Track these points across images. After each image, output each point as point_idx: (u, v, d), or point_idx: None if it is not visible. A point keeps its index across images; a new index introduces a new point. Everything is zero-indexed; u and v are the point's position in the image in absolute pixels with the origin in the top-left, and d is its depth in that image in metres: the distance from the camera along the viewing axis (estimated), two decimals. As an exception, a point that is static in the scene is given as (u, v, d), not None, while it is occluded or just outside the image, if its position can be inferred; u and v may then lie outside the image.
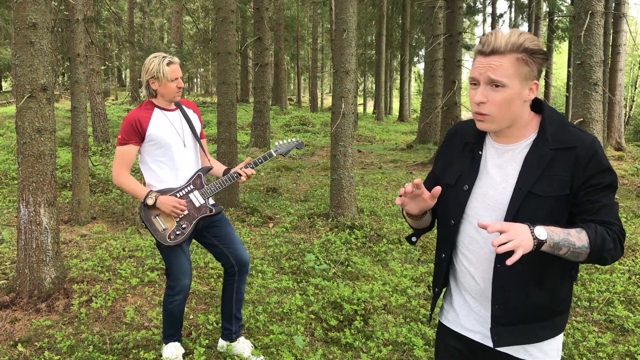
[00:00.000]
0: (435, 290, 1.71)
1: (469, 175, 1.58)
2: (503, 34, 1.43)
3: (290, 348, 3.31)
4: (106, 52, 25.44)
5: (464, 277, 1.61)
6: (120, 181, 2.92)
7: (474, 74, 1.46)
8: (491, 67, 1.42)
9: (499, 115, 1.46)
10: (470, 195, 1.56)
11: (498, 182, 1.53)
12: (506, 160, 1.54)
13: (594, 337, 3.58)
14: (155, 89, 2.94)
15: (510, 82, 1.42)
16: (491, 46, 1.42)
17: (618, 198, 8.38)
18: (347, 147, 6.30)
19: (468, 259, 1.59)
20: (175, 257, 2.97)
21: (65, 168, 9.10)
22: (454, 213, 1.59)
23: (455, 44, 11.21)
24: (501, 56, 1.42)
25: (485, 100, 1.45)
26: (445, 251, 1.65)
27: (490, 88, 1.44)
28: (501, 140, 1.55)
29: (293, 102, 35.46)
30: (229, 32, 7.04)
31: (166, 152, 2.95)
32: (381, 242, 5.62)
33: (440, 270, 1.68)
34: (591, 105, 5.47)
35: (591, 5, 5.47)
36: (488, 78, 1.43)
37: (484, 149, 1.59)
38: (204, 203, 3.01)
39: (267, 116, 13.07)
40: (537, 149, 1.49)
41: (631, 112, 25.64)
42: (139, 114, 2.92)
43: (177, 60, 2.98)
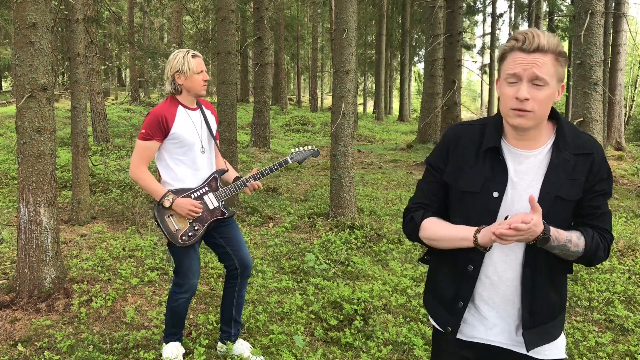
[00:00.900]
0: (460, 305, 1.60)
1: (496, 182, 1.52)
2: (543, 33, 1.43)
3: (290, 348, 3.31)
4: (106, 52, 25.44)
5: (484, 286, 1.57)
6: (138, 176, 2.89)
7: (516, 70, 1.42)
8: (537, 64, 1.41)
9: (540, 113, 1.45)
10: (502, 201, 1.52)
11: (523, 189, 1.51)
12: (528, 167, 1.52)
13: (594, 336, 3.58)
14: (181, 84, 2.91)
15: (550, 81, 1.43)
16: (535, 44, 1.41)
17: (618, 198, 8.38)
18: (347, 146, 6.30)
19: (495, 267, 1.55)
20: (187, 256, 2.98)
21: (65, 168, 9.10)
22: (483, 220, 1.52)
23: (455, 43, 11.21)
24: (544, 55, 1.42)
25: (530, 97, 1.42)
26: (474, 262, 1.56)
27: (533, 86, 1.42)
28: (521, 144, 1.53)
29: (293, 102, 35.46)
30: (229, 31, 7.04)
31: (187, 152, 2.93)
32: (381, 241, 5.63)
33: (467, 283, 1.58)
34: (591, 105, 5.47)
35: (591, 4, 5.47)
36: (534, 75, 1.41)
37: (504, 154, 1.55)
38: (217, 206, 3.01)
39: (267, 116, 13.07)
40: (560, 153, 1.50)
41: (631, 112, 25.64)
42: (165, 111, 2.89)
43: (200, 54, 2.97)
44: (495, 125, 1.59)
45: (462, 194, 1.57)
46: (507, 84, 1.46)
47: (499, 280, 1.55)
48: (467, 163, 1.57)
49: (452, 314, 1.62)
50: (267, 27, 12.48)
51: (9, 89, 29.94)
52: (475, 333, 1.61)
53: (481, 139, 1.58)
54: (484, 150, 1.55)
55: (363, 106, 37.69)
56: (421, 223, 1.63)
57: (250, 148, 12.88)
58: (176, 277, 3.04)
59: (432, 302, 1.71)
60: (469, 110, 27.52)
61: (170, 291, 3.08)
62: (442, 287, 1.66)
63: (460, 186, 1.57)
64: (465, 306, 1.59)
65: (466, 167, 1.57)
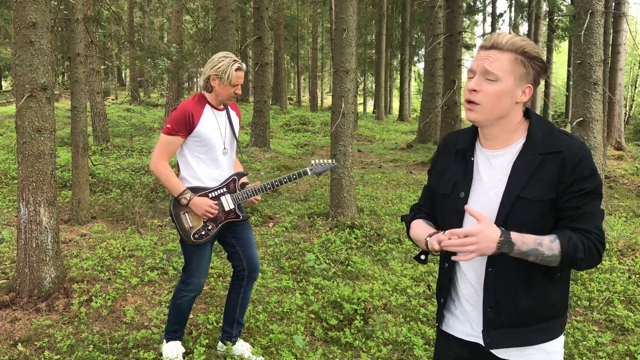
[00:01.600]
0: (441, 301, 1.69)
1: (463, 182, 1.58)
2: (506, 34, 1.49)
3: (290, 347, 3.31)
4: (106, 51, 25.43)
5: (463, 283, 1.63)
6: (158, 170, 2.90)
7: (472, 65, 1.52)
8: (488, 59, 1.48)
9: (488, 107, 1.49)
10: (467, 201, 1.57)
11: (490, 188, 1.54)
12: (496, 166, 1.55)
13: (594, 336, 3.58)
14: (214, 87, 2.92)
15: (503, 77, 1.46)
16: (492, 41, 1.49)
17: (618, 198, 8.38)
18: (347, 146, 6.30)
19: (467, 264, 1.60)
20: (197, 255, 2.98)
21: (65, 168, 9.10)
22: (454, 221, 1.59)
23: (455, 43, 11.20)
24: (500, 52, 1.48)
25: (478, 89, 1.49)
26: (448, 260, 1.65)
27: (485, 80, 1.48)
28: (490, 145, 1.57)
29: (293, 102, 35.46)
30: (229, 31, 7.04)
31: (208, 152, 2.94)
32: (381, 241, 5.63)
33: (445, 280, 1.68)
34: (591, 105, 5.47)
35: (591, 4, 5.47)
36: (483, 69, 1.48)
37: (475, 155, 1.61)
38: (233, 208, 3.01)
39: (267, 116, 13.07)
40: (525, 154, 1.50)
41: (631, 112, 25.64)
42: (193, 108, 2.89)
43: (245, 67, 2.96)
44: (472, 130, 1.65)
45: (440, 196, 1.66)
46: (467, 80, 1.54)
47: (472, 276, 1.59)
48: (446, 167, 1.66)
49: (438, 309, 1.73)
50: (267, 27, 12.48)
51: (9, 88, 29.93)
52: (466, 330, 1.64)
53: (459, 142, 1.65)
54: (456, 151, 1.64)
55: (363, 106, 37.68)
56: (410, 224, 1.74)
57: (250, 148, 12.88)
58: (184, 274, 3.04)
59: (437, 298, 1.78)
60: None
61: (177, 288, 3.09)
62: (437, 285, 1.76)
63: (438, 189, 1.67)
64: (444, 302, 1.68)
65: (445, 171, 1.66)
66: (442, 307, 1.70)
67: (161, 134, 2.91)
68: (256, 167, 10.64)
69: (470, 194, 1.57)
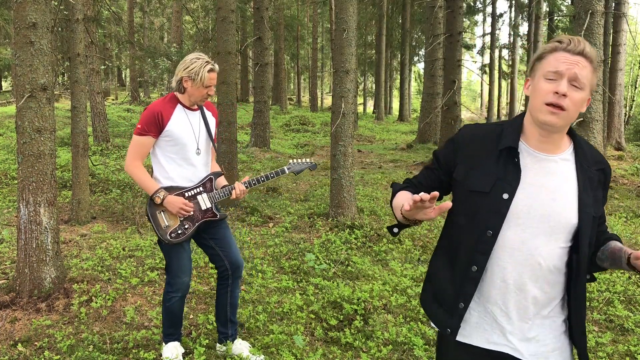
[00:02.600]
0: (461, 306, 1.56)
1: (507, 183, 1.50)
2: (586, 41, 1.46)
3: (290, 348, 3.31)
4: (106, 52, 25.43)
5: (494, 289, 1.53)
6: (132, 171, 2.91)
7: (559, 68, 1.43)
8: (579, 65, 1.42)
9: (571, 115, 1.45)
10: (511, 204, 1.49)
11: (544, 193, 1.49)
12: (548, 171, 1.51)
13: (594, 337, 3.58)
14: (186, 88, 2.93)
15: (585, 87, 1.44)
16: (580, 48, 1.43)
17: (618, 198, 8.38)
18: (347, 146, 6.30)
19: (507, 270, 1.51)
20: (176, 254, 2.98)
21: (65, 168, 9.10)
22: (492, 223, 1.50)
23: (455, 43, 11.20)
24: (586, 60, 1.44)
25: (568, 94, 1.43)
26: (477, 263, 1.52)
27: (571, 86, 1.43)
28: (545, 148, 1.52)
29: (293, 102, 35.45)
30: (229, 31, 7.04)
31: (179, 151, 2.94)
32: (381, 241, 5.62)
33: (469, 284, 1.55)
34: (591, 105, 5.47)
35: (591, 4, 5.47)
36: (574, 75, 1.42)
37: (520, 156, 1.53)
38: (210, 207, 3.02)
39: (267, 116, 13.07)
40: (583, 167, 1.53)
41: (631, 112, 25.63)
42: (162, 107, 2.89)
43: (217, 68, 2.96)
44: (514, 126, 1.57)
45: (470, 192, 1.55)
46: (545, 80, 1.45)
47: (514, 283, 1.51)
48: (479, 163, 1.55)
49: (453, 315, 1.58)
50: (267, 27, 12.48)
51: (9, 89, 29.93)
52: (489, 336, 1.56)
53: (498, 139, 1.56)
54: (500, 149, 1.53)
55: (363, 106, 37.68)
56: (396, 194, 1.68)
57: (250, 148, 12.88)
58: (167, 276, 3.04)
59: (431, 302, 1.68)
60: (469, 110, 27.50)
61: (164, 291, 3.09)
62: (443, 287, 1.62)
63: (469, 185, 1.55)
64: (465, 307, 1.56)
65: (477, 167, 1.55)
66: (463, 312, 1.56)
67: (133, 135, 2.92)
68: (256, 167, 10.64)
69: (517, 196, 1.49)
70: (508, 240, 1.50)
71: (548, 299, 1.52)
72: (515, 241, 1.49)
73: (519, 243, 1.49)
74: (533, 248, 1.48)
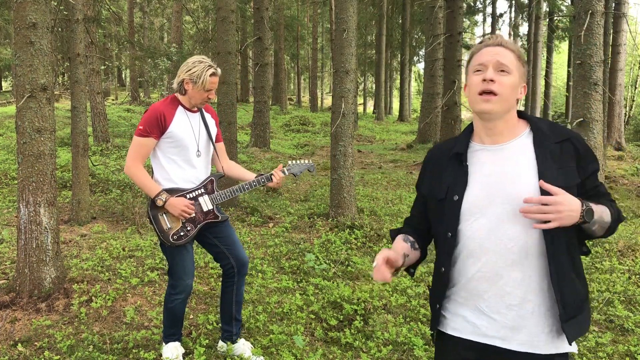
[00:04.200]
0: (437, 307, 1.67)
1: (457, 185, 1.60)
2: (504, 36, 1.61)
3: (290, 348, 3.31)
4: (106, 52, 25.42)
5: (474, 282, 1.58)
6: (132, 172, 2.89)
7: (482, 60, 1.56)
8: (500, 54, 1.55)
9: (504, 98, 1.53)
10: (462, 203, 1.58)
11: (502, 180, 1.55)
12: (502, 158, 1.58)
13: (594, 337, 3.58)
14: (187, 90, 2.92)
15: (513, 71, 1.55)
16: (498, 41, 1.58)
17: (618, 198, 8.38)
18: (347, 147, 6.30)
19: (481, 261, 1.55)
20: (179, 256, 2.97)
21: (65, 168, 9.10)
22: (449, 224, 1.60)
23: (455, 43, 11.20)
24: (506, 49, 1.57)
25: (496, 79, 1.53)
26: (444, 264, 1.63)
27: (498, 72, 1.54)
28: (494, 140, 1.60)
29: (293, 102, 35.45)
30: (229, 32, 7.04)
31: (180, 153, 2.93)
32: (381, 242, 5.62)
33: (441, 285, 1.65)
34: (591, 105, 5.47)
35: (591, 5, 5.47)
36: (497, 62, 1.54)
37: (468, 156, 1.63)
38: (211, 208, 3.01)
39: (267, 116, 13.07)
40: (541, 144, 1.55)
41: (631, 112, 25.64)
42: (165, 109, 2.88)
43: (219, 72, 2.96)
44: (466, 132, 1.69)
45: (432, 202, 1.68)
46: (473, 74, 1.58)
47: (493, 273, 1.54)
48: (438, 175, 1.68)
49: (433, 317, 1.70)
50: (267, 27, 12.48)
51: (9, 89, 29.93)
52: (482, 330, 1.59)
53: (451, 148, 1.68)
54: (450, 156, 1.66)
55: (363, 106, 37.67)
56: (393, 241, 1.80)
57: (250, 148, 12.88)
58: (170, 279, 3.04)
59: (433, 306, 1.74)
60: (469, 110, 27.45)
61: (166, 292, 3.08)
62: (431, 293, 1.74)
63: (431, 196, 1.69)
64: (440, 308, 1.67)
65: (436, 179, 1.68)
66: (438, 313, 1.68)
67: (134, 137, 2.89)
68: (256, 167, 10.64)
69: (468, 194, 1.58)
70: (474, 233, 1.56)
71: (530, 282, 1.53)
72: (482, 232, 1.55)
73: (486, 232, 1.55)
74: (501, 234, 1.53)
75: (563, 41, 21.14)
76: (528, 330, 1.54)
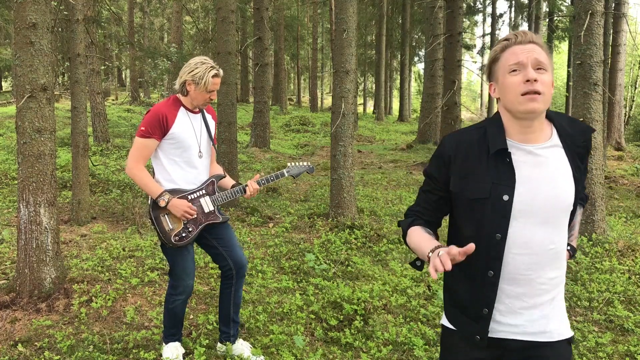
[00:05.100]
0: (485, 312, 1.57)
1: (505, 184, 1.51)
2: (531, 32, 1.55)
3: (290, 348, 3.32)
4: (106, 52, 25.43)
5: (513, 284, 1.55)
6: (134, 174, 2.89)
7: (518, 59, 1.48)
8: (536, 51, 1.49)
9: (548, 96, 1.49)
10: (512, 204, 1.51)
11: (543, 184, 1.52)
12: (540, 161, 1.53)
13: (594, 337, 3.58)
14: (189, 91, 2.92)
15: (549, 68, 1.51)
16: (528, 38, 1.51)
17: (618, 198, 8.38)
18: (347, 147, 6.30)
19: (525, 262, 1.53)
20: (180, 257, 2.98)
21: (65, 168, 9.10)
22: (498, 226, 1.51)
23: (455, 44, 11.20)
24: (538, 46, 1.51)
25: (539, 79, 1.47)
26: (493, 268, 1.54)
27: (537, 71, 1.49)
28: (529, 139, 1.54)
29: (293, 102, 35.46)
30: (229, 32, 7.04)
31: (182, 154, 2.94)
32: (381, 242, 5.63)
33: (489, 289, 1.56)
34: (591, 105, 5.47)
35: (591, 5, 5.47)
36: (535, 60, 1.48)
37: (511, 155, 1.55)
38: (212, 210, 3.02)
39: (267, 116, 13.08)
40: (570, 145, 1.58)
41: (631, 112, 25.63)
42: (166, 110, 2.88)
43: (222, 73, 2.96)
44: (496, 127, 1.58)
45: (470, 201, 1.56)
46: (511, 75, 1.50)
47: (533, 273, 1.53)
48: (472, 170, 1.56)
49: (479, 322, 1.59)
50: (267, 27, 12.49)
51: (9, 89, 29.93)
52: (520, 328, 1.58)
53: (484, 143, 1.56)
54: (493, 153, 1.54)
55: (363, 106, 37.68)
56: (407, 230, 1.67)
57: (250, 148, 12.88)
58: (171, 279, 3.04)
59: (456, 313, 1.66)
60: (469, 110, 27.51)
61: (167, 293, 3.08)
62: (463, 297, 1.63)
63: (468, 194, 1.56)
64: (490, 312, 1.57)
65: (471, 174, 1.56)
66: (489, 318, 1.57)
67: (135, 137, 2.88)
68: (256, 167, 10.64)
69: (516, 195, 1.51)
70: (518, 237, 1.52)
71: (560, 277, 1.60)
72: (526, 236, 1.51)
73: (529, 236, 1.52)
74: (544, 237, 1.52)
75: (563, 41, 21.13)
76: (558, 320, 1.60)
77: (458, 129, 1.67)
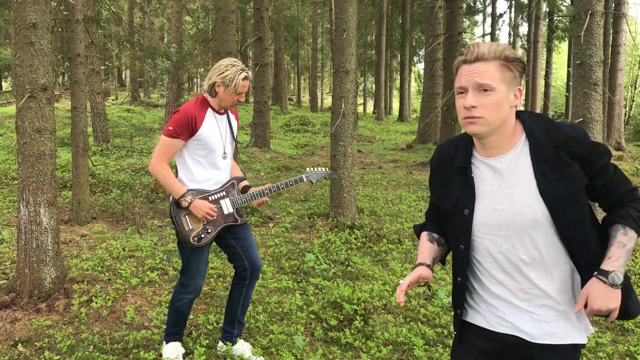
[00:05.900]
0: (458, 313, 1.71)
1: (466, 199, 1.59)
2: (484, 44, 1.50)
3: (290, 348, 3.32)
4: (106, 52, 25.42)
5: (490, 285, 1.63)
6: (158, 172, 2.89)
7: (461, 83, 1.50)
8: (477, 73, 1.47)
9: (491, 119, 1.48)
10: (473, 218, 1.58)
11: (502, 197, 1.54)
12: (500, 174, 1.55)
13: (594, 336, 3.58)
14: (218, 92, 2.92)
15: (497, 86, 1.47)
16: (475, 54, 1.48)
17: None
18: (347, 147, 6.30)
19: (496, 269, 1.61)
20: (196, 257, 2.98)
21: (65, 168, 9.10)
22: (462, 239, 1.62)
23: (455, 44, 11.20)
24: (485, 62, 1.48)
25: (476, 104, 1.47)
26: (460, 275, 1.67)
27: (480, 93, 1.48)
28: (490, 153, 1.56)
29: (293, 102, 35.46)
30: (229, 32, 7.05)
31: (208, 155, 2.94)
32: (381, 242, 5.63)
33: (458, 293, 1.70)
34: (591, 105, 5.47)
35: (591, 5, 5.47)
36: (476, 83, 1.47)
37: (473, 169, 1.60)
38: (232, 212, 3.02)
39: (267, 116, 13.08)
40: (538, 153, 1.50)
41: (631, 112, 25.65)
42: (196, 111, 2.88)
43: (251, 75, 2.97)
44: (465, 142, 1.64)
45: (444, 212, 1.68)
46: (457, 97, 1.54)
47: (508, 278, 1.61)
48: (445, 184, 1.66)
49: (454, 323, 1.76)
50: (267, 27, 12.49)
51: (9, 89, 29.93)
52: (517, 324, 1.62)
53: (455, 157, 1.64)
54: (453, 168, 1.63)
55: (363, 106, 37.68)
56: (419, 236, 1.84)
57: (250, 148, 12.88)
58: (182, 277, 3.04)
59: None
60: (468, 110, 27.36)
61: (175, 290, 3.08)
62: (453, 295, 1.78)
63: (441, 206, 1.69)
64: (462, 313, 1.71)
65: (444, 188, 1.67)
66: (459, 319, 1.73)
67: (162, 136, 2.89)
68: (256, 167, 10.65)
69: (476, 209, 1.58)
70: (485, 248, 1.60)
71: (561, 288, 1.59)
72: (492, 248, 1.58)
73: (496, 248, 1.58)
74: (509, 249, 1.55)
75: (563, 41, 21.14)
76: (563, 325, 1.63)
77: (448, 139, 1.76)
